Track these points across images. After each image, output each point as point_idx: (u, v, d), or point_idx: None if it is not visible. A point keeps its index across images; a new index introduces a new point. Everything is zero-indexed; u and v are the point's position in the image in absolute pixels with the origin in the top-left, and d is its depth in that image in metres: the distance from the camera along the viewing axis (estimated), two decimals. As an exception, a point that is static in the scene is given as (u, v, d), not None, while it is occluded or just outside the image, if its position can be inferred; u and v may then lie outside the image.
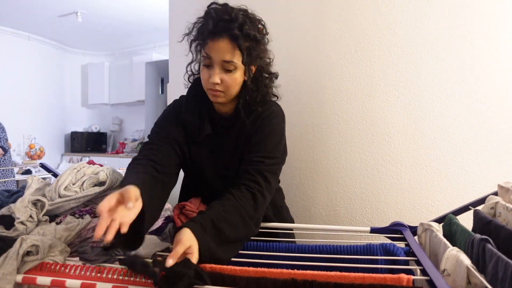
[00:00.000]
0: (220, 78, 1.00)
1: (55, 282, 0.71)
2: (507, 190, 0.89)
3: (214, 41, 0.98)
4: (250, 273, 0.72)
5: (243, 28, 0.98)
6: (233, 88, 1.04)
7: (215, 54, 0.99)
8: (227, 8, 1.00)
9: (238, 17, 0.98)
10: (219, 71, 1.00)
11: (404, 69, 1.38)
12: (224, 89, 1.02)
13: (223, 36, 0.97)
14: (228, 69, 1.00)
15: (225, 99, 1.05)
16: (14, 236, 0.85)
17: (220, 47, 0.98)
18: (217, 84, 1.01)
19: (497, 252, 0.65)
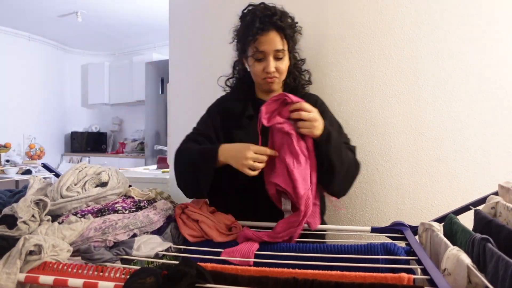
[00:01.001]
0: (275, 66, 1.18)
1: (58, 281, 0.72)
2: (507, 190, 0.89)
3: (264, 35, 1.15)
4: (251, 272, 0.73)
5: (284, 19, 1.17)
6: (285, 73, 1.23)
7: (268, 46, 1.16)
8: (265, 5, 1.19)
9: (277, 11, 1.18)
10: (273, 60, 1.18)
11: (404, 69, 1.38)
12: (279, 75, 1.21)
13: (271, 29, 1.15)
14: (279, 57, 1.18)
15: (279, 84, 1.26)
16: (16, 235, 0.85)
17: (271, 39, 1.16)
18: (273, 72, 1.18)
19: (497, 252, 0.66)
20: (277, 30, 1.16)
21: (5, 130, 5.10)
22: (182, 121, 1.95)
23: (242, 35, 1.21)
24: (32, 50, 5.54)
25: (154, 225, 1.01)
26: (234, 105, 1.28)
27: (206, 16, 1.81)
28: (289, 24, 1.19)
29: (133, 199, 1.09)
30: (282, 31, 1.16)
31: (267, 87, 1.24)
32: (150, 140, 5.25)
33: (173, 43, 2.00)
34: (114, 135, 6.55)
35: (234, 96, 1.33)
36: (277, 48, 1.16)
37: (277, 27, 1.15)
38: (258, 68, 1.20)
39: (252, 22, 1.15)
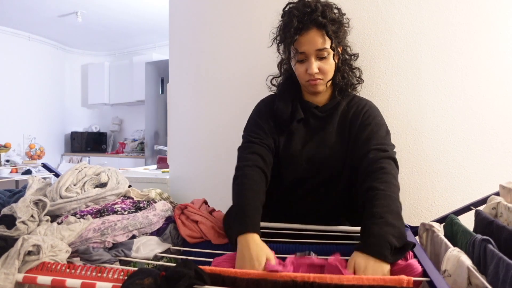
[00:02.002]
0: (318, 66, 1.08)
1: (56, 281, 0.71)
2: (509, 191, 0.89)
3: (303, 35, 1.06)
4: (250, 274, 0.72)
5: (326, 15, 1.06)
6: (330, 73, 1.12)
7: (308, 46, 1.06)
8: (304, 2, 1.08)
9: (318, 7, 1.06)
10: (315, 61, 1.08)
11: (404, 69, 1.38)
12: (323, 76, 1.10)
13: (310, 28, 1.05)
14: (322, 57, 1.08)
15: (324, 86, 1.13)
16: (15, 235, 0.85)
17: (311, 38, 1.06)
18: (316, 73, 1.09)
19: (498, 253, 0.65)
20: (318, 27, 1.05)
21: (5, 130, 5.09)
22: (182, 121, 1.95)
23: (283, 36, 1.12)
24: (32, 50, 5.54)
25: (153, 226, 1.01)
26: (283, 107, 1.17)
27: (206, 16, 1.80)
28: (332, 18, 1.07)
29: (133, 200, 1.09)
30: (324, 28, 1.05)
31: (312, 89, 1.14)
32: (150, 140, 5.25)
33: (173, 43, 2.00)
34: (114, 135, 6.54)
35: (283, 98, 1.20)
36: (318, 48, 1.06)
37: (318, 24, 1.05)
38: (301, 70, 1.11)
39: (290, 21, 1.07)
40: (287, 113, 1.15)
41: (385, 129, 1.13)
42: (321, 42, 1.06)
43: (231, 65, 1.71)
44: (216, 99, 1.79)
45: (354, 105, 1.16)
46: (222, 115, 1.74)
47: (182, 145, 1.96)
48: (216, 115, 1.76)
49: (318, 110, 1.17)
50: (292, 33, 1.06)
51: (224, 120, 1.72)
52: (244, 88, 1.57)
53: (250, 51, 1.61)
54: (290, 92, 1.20)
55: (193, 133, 1.89)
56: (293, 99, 1.18)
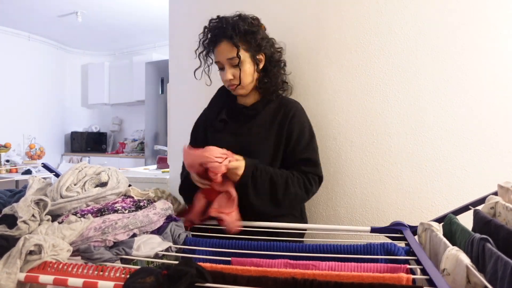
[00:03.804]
0: (232, 73, 1.23)
1: (57, 280, 0.72)
2: (507, 190, 0.89)
3: (216, 47, 1.23)
4: (251, 272, 0.73)
5: (235, 27, 1.20)
6: (246, 79, 1.25)
7: (221, 56, 1.23)
8: (220, 18, 1.25)
9: (229, 21, 1.22)
10: (229, 68, 1.23)
11: (404, 69, 1.38)
12: (237, 81, 1.24)
13: (221, 40, 1.22)
14: (235, 64, 1.22)
15: (243, 89, 1.28)
16: (16, 235, 0.85)
17: (222, 50, 1.22)
18: (231, 80, 1.24)
19: (496, 252, 0.66)
20: (228, 39, 1.20)
21: (5, 130, 5.10)
22: (182, 121, 1.95)
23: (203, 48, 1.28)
24: (32, 50, 5.54)
25: (153, 225, 1.01)
26: (212, 111, 1.39)
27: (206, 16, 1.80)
28: (243, 30, 1.21)
29: (133, 199, 1.09)
30: (231, 39, 1.20)
31: (233, 93, 1.30)
32: (150, 140, 5.25)
33: (173, 43, 2.00)
34: (114, 135, 6.55)
35: (209, 105, 1.44)
36: (228, 57, 1.21)
37: (226, 36, 1.20)
38: (222, 78, 1.28)
39: (205, 36, 1.26)
40: (214, 114, 1.35)
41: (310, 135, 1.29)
42: (230, 51, 1.21)
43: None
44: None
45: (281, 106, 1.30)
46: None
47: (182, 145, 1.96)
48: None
49: (246, 109, 1.32)
50: (207, 47, 1.26)
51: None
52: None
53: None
54: (221, 98, 1.40)
55: (193, 133, 1.89)
56: (223, 103, 1.37)
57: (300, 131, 1.26)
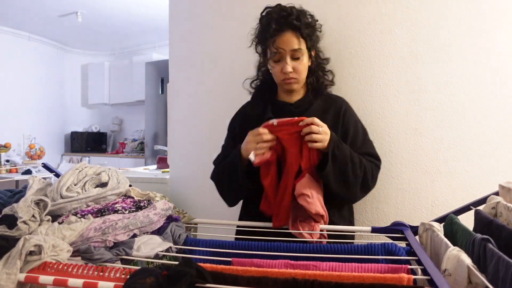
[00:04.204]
0: (292, 66, 1.18)
1: (58, 281, 0.72)
2: (508, 190, 0.89)
3: (280, 36, 1.16)
4: (251, 272, 0.73)
5: (300, 19, 1.16)
6: (304, 73, 1.22)
7: (285, 46, 1.16)
8: (281, 6, 1.19)
9: (293, 11, 1.17)
10: (290, 61, 1.17)
11: (404, 69, 1.38)
12: (297, 75, 1.20)
13: (287, 30, 1.16)
14: (296, 57, 1.18)
15: (298, 84, 1.24)
16: (16, 235, 0.85)
17: (287, 39, 1.16)
18: (290, 72, 1.18)
19: (498, 252, 0.66)
20: (293, 29, 1.15)
21: (5, 130, 5.09)
22: (182, 121, 1.95)
23: (260, 37, 1.22)
24: (32, 50, 5.54)
25: (154, 225, 1.01)
26: (254, 109, 1.30)
27: (206, 16, 1.81)
28: (306, 22, 1.18)
29: (133, 199, 1.09)
30: (298, 30, 1.15)
31: (287, 87, 1.24)
32: (150, 140, 5.25)
33: (173, 43, 2.00)
34: (114, 135, 6.54)
35: (253, 100, 1.35)
36: (293, 48, 1.16)
37: (293, 26, 1.15)
38: (277, 69, 1.20)
39: (268, 24, 1.17)
40: (258, 112, 1.26)
41: (364, 129, 1.29)
42: (296, 43, 1.16)
43: (231, 65, 1.72)
44: (216, 99, 1.79)
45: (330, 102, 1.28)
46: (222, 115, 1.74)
47: (182, 145, 1.96)
48: (216, 115, 1.76)
49: (292, 106, 1.27)
50: (269, 34, 1.17)
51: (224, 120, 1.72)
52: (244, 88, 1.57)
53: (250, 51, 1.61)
54: (263, 94, 1.33)
55: (193, 133, 1.89)
56: (266, 100, 1.30)
57: (354, 127, 1.24)
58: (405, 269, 0.75)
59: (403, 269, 0.75)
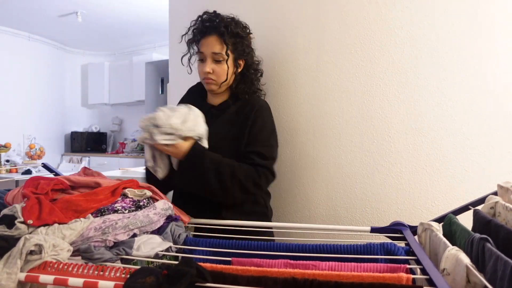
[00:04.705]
0: (211, 68, 1.27)
1: (58, 280, 0.72)
2: (506, 190, 0.89)
3: (205, 38, 1.27)
4: (251, 272, 0.73)
5: (229, 27, 1.26)
6: (223, 77, 1.29)
7: (206, 48, 1.26)
8: (215, 13, 1.30)
9: (224, 19, 1.28)
10: (210, 62, 1.27)
11: (404, 69, 1.38)
12: (216, 77, 1.28)
13: (212, 33, 1.26)
14: (217, 60, 1.26)
15: (216, 86, 1.31)
16: (15, 235, 0.85)
17: (210, 42, 1.26)
18: (209, 73, 1.27)
19: (496, 251, 0.66)
20: (219, 35, 1.25)
21: (5, 130, 5.10)
22: (182, 121, 1.95)
23: (191, 36, 1.32)
24: (32, 50, 5.54)
25: (154, 225, 1.01)
26: None
27: (206, 16, 1.81)
28: (234, 32, 1.27)
29: (133, 199, 1.09)
30: (222, 36, 1.24)
31: (207, 87, 1.33)
32: (150, 140, 5.24)
33: (173, 43, 2.00)
34: (114, 135, 6.55)
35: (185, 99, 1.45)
36: (214, 51, 1.25)
37: (218, 32, 1.25)
38: (199, 69, 1.30)
39: (198, 25, 1.29)
40: None
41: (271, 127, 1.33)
42: (218, 47, 1.25)
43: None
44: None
45: (247, 105, 1.33)
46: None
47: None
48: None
49: (214, 109, 1.36)
50: (196, 34, 1.29)
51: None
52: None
53: (250, 51, 1.62)
54: (191, 96, 1.45)
55: (193, 133, 1.89)
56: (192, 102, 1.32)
57: (259, 127, 1.28)
58: (404, 268, 0.76)
59: (402, 269, 0.75)
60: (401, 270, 0.75)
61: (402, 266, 0.76)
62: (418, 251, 0.84)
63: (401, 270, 0.74)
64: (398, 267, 0.75)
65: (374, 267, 0.76)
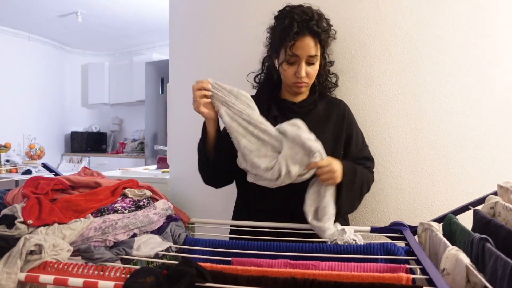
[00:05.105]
0: (306, 71, 1.17)
1: (58, 280, 0.72)
2: (506, 190, 0.89)
3: (300, 40, 1.14)
4: (251, 271, 0.73)
5: (320, 24, 1.16)
6: (314, 78, 1.23)
7: (302, 52, 1.14)
8: (303, 8, 1.17)
9: (314, 15, 1.15)
10: (305, 65, 1.17)
11: (404, 69, 1.38)
12: (309, 80, 1.20)
13: (307, 35, 1.14)
14: (311, 63, 1.18)
15: (307, 88, 1.25)
16: (15, 235, 0.85)
17: (306, 44, 1.14)
18: (303, 77, 1.17)
19: (496, 251, 0.66)
20: (313, 35, 1.15)
21: (5, 130, 5.10)
22: (182, 121, 1.95)
23: (279, 36, 1.17)
24: (32, 50, 5.54)
25: (154, 225, 1.01)
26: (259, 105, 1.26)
27: (206, 16, 1.81)
28: (324, 29, 1.18)
29: (132, 199, 1.09)
30: (318, 36, 1.15)
31: (297, 90, 1.23)
32: (150, 140, 5.25)
33: (173, 43, 2.01)
34: (114, 135, 6.55)
35: (259, 96, 1.30)
36: (311, 54, 1.15)
37: (313, 32, 1.14)
38: (290, 72, 1.19)
39: (290, 25, 1.13)
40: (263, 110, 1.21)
41: (362, 135, 1.32)
42: (314, 49, 1.15)
43: (231, 65, 1.72)
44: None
45: (333, 104, 1.30)
46: (222, 115, 1.75)
47: (182, 145, 1.97)
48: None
49: (296, 106, 1.27)
50: (289, 36, 1.13)
51: (224, 120, 1.73)
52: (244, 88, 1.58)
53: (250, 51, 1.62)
54: (269, 90, 1.31)
55: (193, 133, 1.89)
56: (270, 96, 1.28)
57: (356, 132, 1.29)
58: (404, 268, 0.76)
59: (402, 269, 0.75)
60: (401, 270, 0.75)
61: (402, 266, 0.76)
62: (418, 251, 0.84)
63: (401, 270, 0.74)
64: (398, 267, 0.75)
65: (374, 267, 0.76)
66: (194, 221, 1.22)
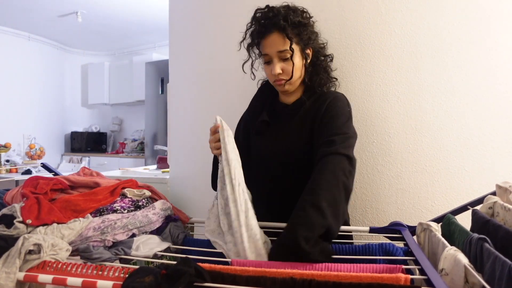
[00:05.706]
0: (281, 67, 1.14)
1: (57, 280, 0.72)
2: (505, 190, 0.89)
3: (265, 38, 1.13)
4: (249, 272, 0.73)
5: (287, 18, 1.12)
6: (295, 73, 1.16)
7: (271, 49, 1.13)
8: (269, 7, 1.15)
9: (280, 11, 1.13)
10: (278, 62, 1.14)
11: (404, 69, 1.38)
12: (287, 76, 1.16)
13: (272, 31, 1.12)
14: (285, 58, 1.14)
15: (290, 85, 1.19)
16: (14, 234, 0.85)
17: (273, 41, 1.13)
18: (279, 74, 1.15)
19: (494, 251, 0.66)
20: (279, 30, 1.12)
21: (5, 130, 5.10)
22: (182, 121, 1.95)
23: (250, 40, 1.19)
24: (32, 50, 5.54)
25: (153, 225, 1.01)
26: (253, 111, 1.30)
27: (206, 16, 1.81)
28: (294, 21, 1.13)
29: (131, 199, 1.09)
30: (284, 30, 1.11)
31: (279, 89, 1.22)
32: (150, 140, 5.26)
33: (173, 43, 2.01)
34: (114, 135, 6.55)
35: (251, 107, 1.33)
36: (279, 49, 1.13)
37: (278, 27, 1.11)
38: (267, 72, 1.19)
39: (254, 26, 1.16)
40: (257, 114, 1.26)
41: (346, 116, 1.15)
42: (282, 44, 1.12)
43: (231, 65, 1.72)
44: (216, 99, 1.80)
45: (320, 99, 1.20)
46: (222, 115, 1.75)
47: (182, 145, 1.97)
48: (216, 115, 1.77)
49: (288, 108, 1.25)
50: (255, 36, 1.16)
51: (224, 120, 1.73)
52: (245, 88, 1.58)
53: (249, 51, 1.62)
54: (262, 97, 1.31)
55: (193, 133, 1.90)
56: (267, 102, 1.28)
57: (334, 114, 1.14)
58: (403, 269, 0.76)
59: (400, 269, 0.75)
60: (399, 270, 0.75)
61: (400, 266, 0.76)
62: (417, 252, 0.84)
63: (400, 271, 0.74)
64: (397, 268, 0.75)
65: (373, 268, 0.76)
66: (193, 221, 1.22)
